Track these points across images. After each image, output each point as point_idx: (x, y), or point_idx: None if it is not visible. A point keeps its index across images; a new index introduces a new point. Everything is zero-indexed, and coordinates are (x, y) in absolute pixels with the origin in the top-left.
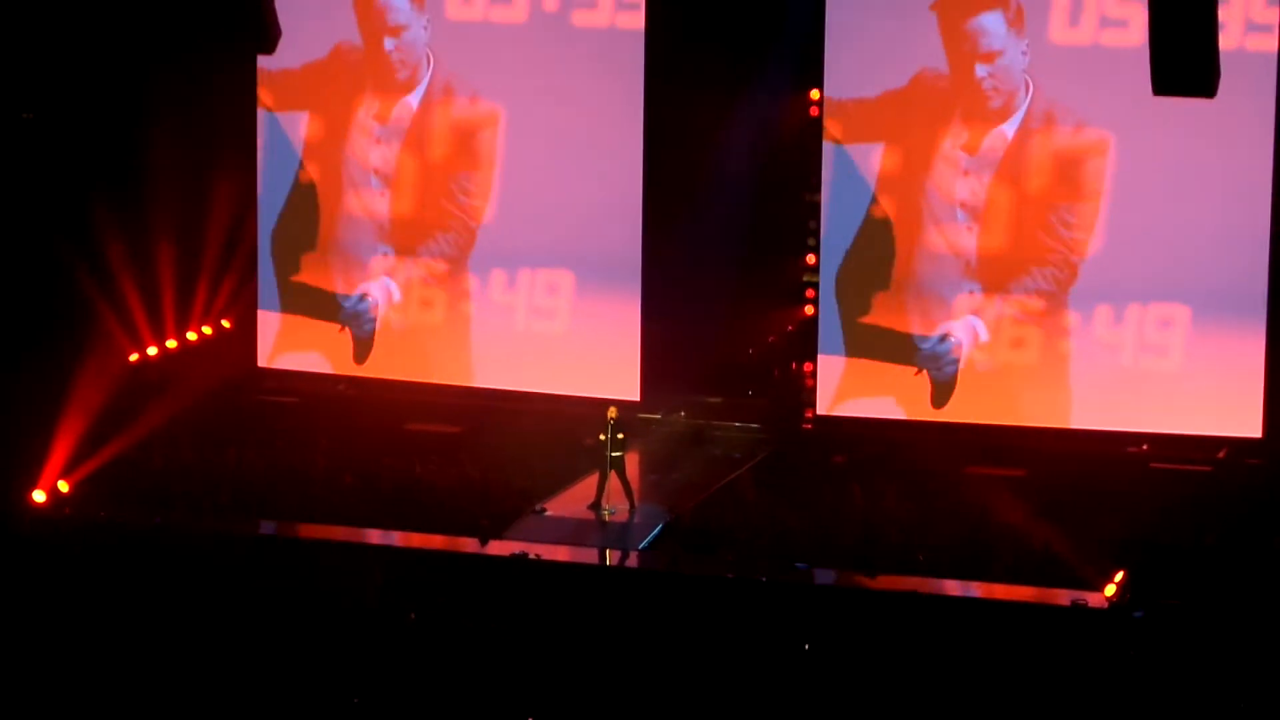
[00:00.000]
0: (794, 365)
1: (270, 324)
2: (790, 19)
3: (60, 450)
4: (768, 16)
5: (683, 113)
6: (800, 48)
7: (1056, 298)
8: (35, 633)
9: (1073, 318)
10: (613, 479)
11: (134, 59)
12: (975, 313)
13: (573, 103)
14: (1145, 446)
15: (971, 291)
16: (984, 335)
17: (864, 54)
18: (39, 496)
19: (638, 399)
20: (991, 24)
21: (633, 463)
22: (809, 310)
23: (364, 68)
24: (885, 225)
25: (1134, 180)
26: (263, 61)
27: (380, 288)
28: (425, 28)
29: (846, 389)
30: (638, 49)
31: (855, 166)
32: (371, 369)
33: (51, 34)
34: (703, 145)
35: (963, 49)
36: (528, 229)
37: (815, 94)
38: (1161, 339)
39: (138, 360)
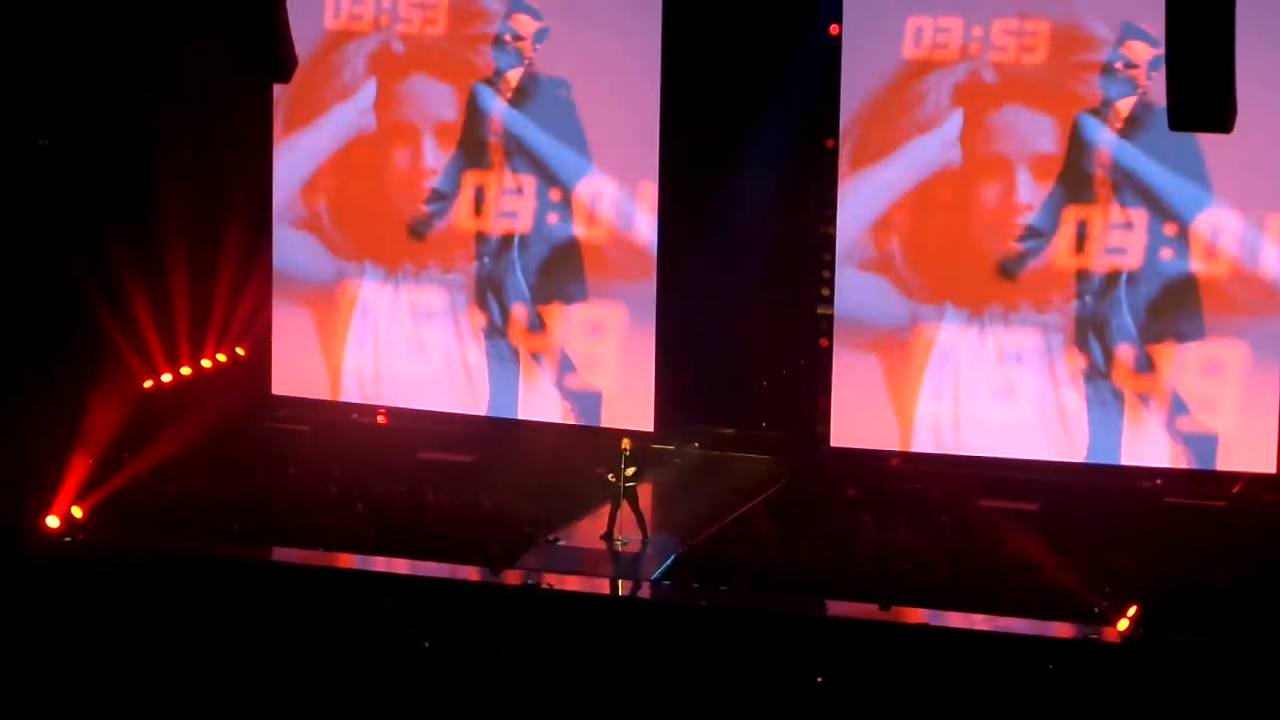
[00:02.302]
0: (808, 398)
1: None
2: (805, 53)
3: (74, 476)
4: (782, 50)
5: (698, 145)
6: (816, 81)
7: (1067, 335)
8: (48, 658)
9: (1090, 352)
10: (625, 509)
11: (150, 85)
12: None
13: (588, 131)
14: (1159, 481)
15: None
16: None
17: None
18: (52, 522)
19: (652, 430)
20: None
21: (645, 493)
22: (823, 342)
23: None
24: None
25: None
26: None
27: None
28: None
29: (860, 420)
30: (654, 81)
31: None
32: (386, 398)
33: (68, 60)
34: (718, 178)
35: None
36: (542, 261)
37: (830, 143)
38: (1177, 374)
39: (151, 386)
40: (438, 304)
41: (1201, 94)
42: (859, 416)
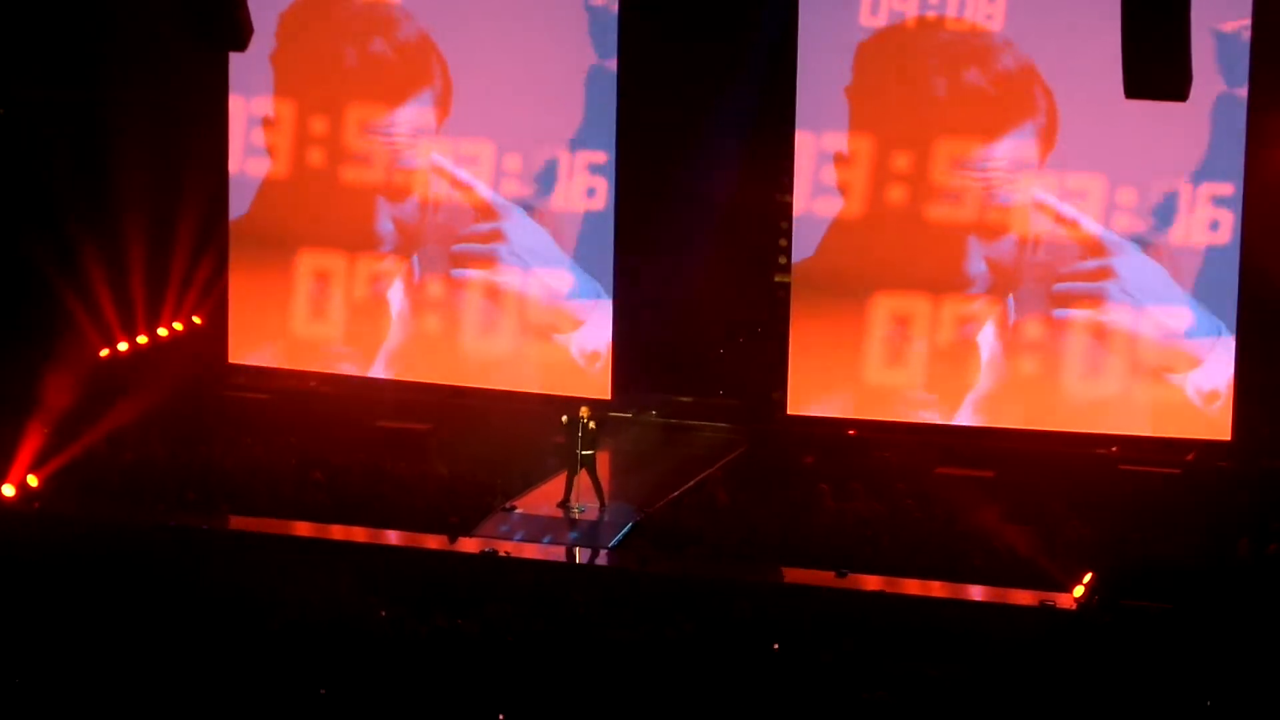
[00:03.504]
0: (765, 365)
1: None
2: (763, 20)
3: (29, 445)
4: (740, 17)
5: (657, 114)
6: (773, 51)
7: (1023, 302)
8: (1, 628)
9: (1045, 320)
10: (582, 477)
11: (105, 53)
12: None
13: (545, 91)
14: (1115, 449)
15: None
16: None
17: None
18: (8, 491)
19: (609, 398)
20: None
21: (603, 461)
22: (780, 310)
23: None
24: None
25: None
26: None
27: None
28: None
29: (817, 388)
30: (611, 49)
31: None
32: (345, 366)
33: (21, 27)
34: (676, 147)
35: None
36: (500, 230)
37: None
38: (1132, 340)
39: (108, 355)
40: (395, 272)
41: (1156, 61)
42: (816, 384)
